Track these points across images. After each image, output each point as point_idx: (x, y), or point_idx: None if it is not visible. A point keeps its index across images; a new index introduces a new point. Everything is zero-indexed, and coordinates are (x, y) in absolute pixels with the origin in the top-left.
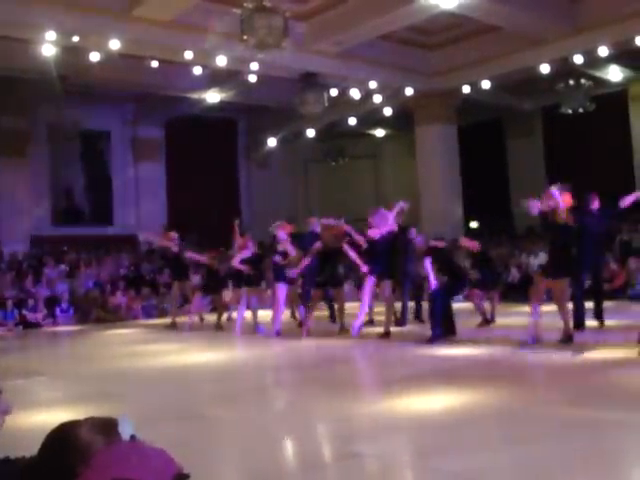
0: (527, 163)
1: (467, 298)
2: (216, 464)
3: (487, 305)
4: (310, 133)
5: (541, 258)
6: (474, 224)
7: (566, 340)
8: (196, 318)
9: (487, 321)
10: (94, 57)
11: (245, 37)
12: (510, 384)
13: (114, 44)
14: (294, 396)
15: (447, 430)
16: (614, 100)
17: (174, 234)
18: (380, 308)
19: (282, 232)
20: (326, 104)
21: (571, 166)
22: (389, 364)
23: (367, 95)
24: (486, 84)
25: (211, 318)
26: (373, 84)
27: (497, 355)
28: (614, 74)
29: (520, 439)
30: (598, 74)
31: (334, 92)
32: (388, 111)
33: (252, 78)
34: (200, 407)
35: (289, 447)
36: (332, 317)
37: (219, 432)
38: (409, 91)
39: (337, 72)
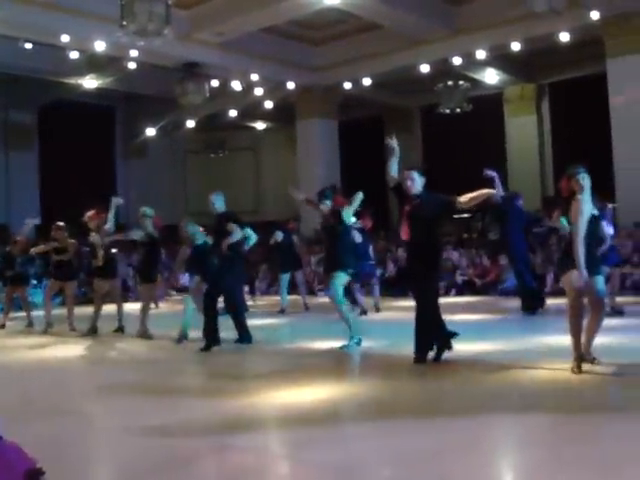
0: (406, 160)
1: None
2: (84, 460)
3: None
4: (190, 124)
5: None
6: (352, 219)
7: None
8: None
9: (364, 312)
10: None
11: (125, 23)
12: (376, 377)
13: None
14: (161, 390)
15: (317, 422)
16: (490, 102)
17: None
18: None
19: None
20: (207, 95)
21: (448, 164)
22: (253, 359)
23: (249, 87)
24: (367, 81)
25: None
26: (255, 77)
27: (365, 348)
28: (490, 77)
29: (389, 430)
30: (475, 76)
31: (215, 83)
32: (269, 104)
33: (132, 65)
34: (67, 403)
35: (160, 441)
36: None
37: (86, 428)
38: (291, 85)
39: (219, 63)
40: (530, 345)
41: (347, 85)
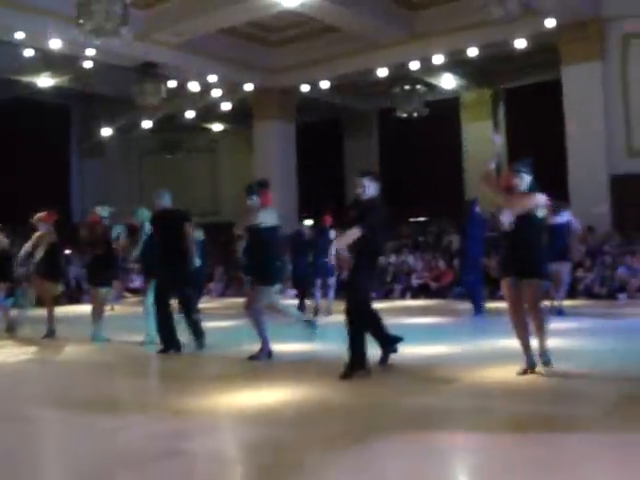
0: (363, 163)
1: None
2: (30, 466)
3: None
4: (147, 124)
5: None
6: (309, 222)
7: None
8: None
9: (317, 312)
10: None
11: (81, 21)
12: (325, 380)
13: None
14: (113, 394)
15: (270, 426)
16: (447, 106)
17: None
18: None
19: None
20: (164, 96)
21: (405, 167)
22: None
23: (206, 88)
24: (325, 84)
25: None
26: (213, 78)
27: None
28: (448, 82)
29: (348, 434)
30: (433, 81)
31: (173, 84)
32: (227, 106)
33: (88, 64)
34: (15, 408)
35: (111, 445)
36: None
37: (40, 433)
38: (249, 87)
39: (177, 64)
40: (482, 348)
41: (305, 87)
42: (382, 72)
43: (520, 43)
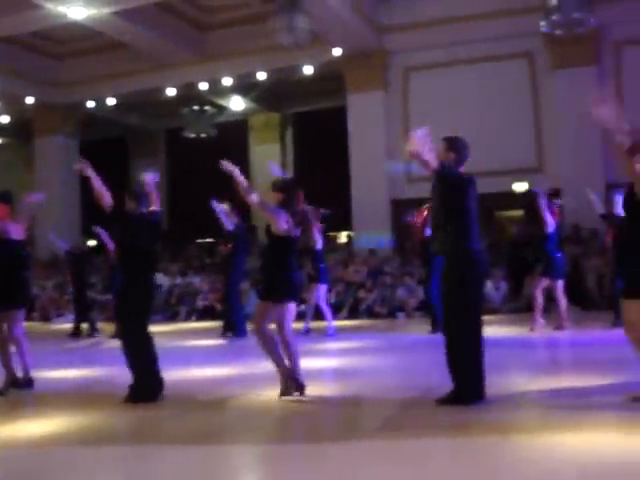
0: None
1: None
2: None
3: None
4: None
5: None
6: (92, 242)
7: None
8: None
9: None
10: None
11: None
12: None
13: None
14: None
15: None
16: (236, 128)
17: None
18: None
19: None
20: None
21: (192, 188)
22: None
23: None
24: (112, 101)
25: None
26: None
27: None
28: (237, 104)
29: (141, 456)
30: (222, 102)
31: None
32: (5, 119)
33: None
34: None
35: None
36: None
37: None
38: (30, 100)
39: None
40: (255, 370)
41: (90, 104)
42: (171, 92)
43: (308, 69)
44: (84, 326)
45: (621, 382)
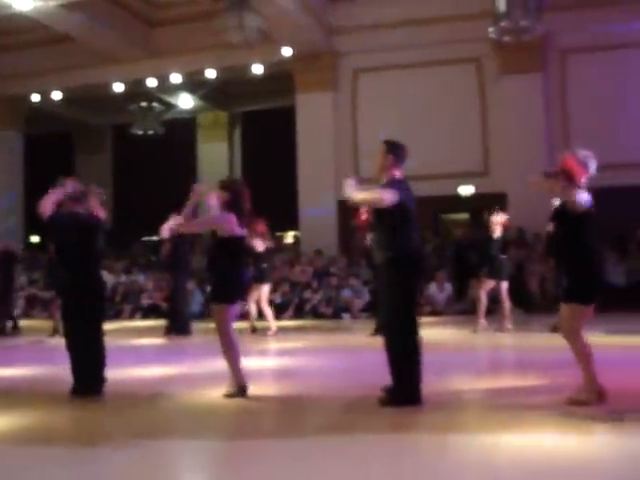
0: (95, 178)
1: None
2: None
3: None
4: None
5: None
6: (36, 238)
7: None
8: None
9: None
10: None
11: None
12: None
13: None
14: None
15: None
16: (184, 126)
17: None
18: None
19: None
20: None
21: (139, 185)
22: None
23: None
24: (57, 95)
25: None
26: None
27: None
28: (185, 101)
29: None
30: (170, 99)
31: None
32: None
33: None
34: None
35: None
36: None
37: None
38: None
39: None
40: (200, 369)
41: (35, 97)
42: (118, 87)
43: (257, 69)
44: (8, 325)
45: (559, 383)
